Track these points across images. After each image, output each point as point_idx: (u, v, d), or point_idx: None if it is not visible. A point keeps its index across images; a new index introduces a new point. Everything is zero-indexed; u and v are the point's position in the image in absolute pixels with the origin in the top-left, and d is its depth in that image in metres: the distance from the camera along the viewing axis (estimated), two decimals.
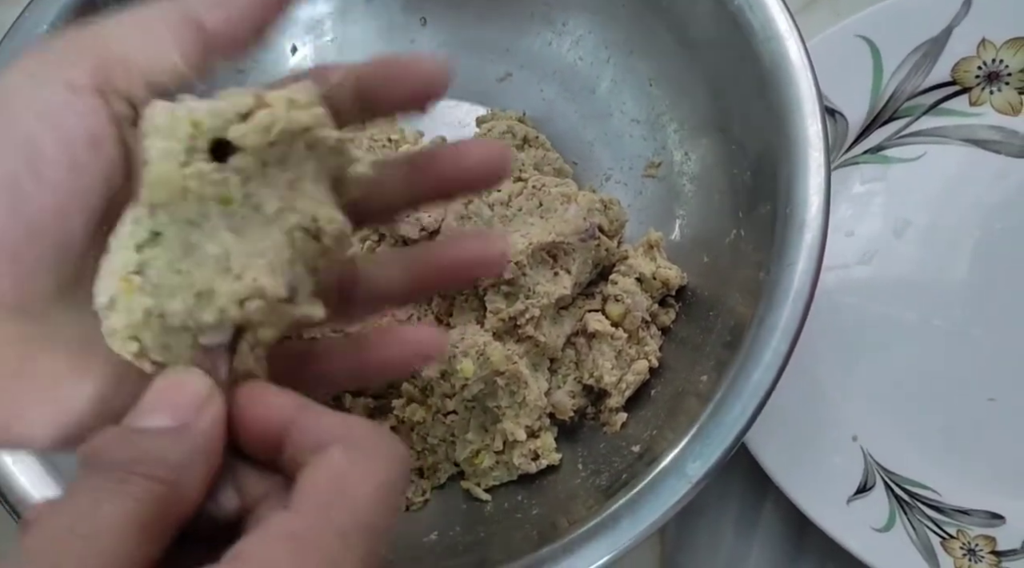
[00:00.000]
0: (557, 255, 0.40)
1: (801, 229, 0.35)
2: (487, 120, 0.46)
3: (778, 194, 0.36)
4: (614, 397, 0.39)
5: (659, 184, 0.44)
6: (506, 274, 0.38)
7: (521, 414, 0.39)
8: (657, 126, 0.45)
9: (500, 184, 0.25)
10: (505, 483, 0.40)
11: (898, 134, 0.46)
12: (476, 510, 0.39)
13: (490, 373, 0.37)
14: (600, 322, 0.40)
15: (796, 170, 0.36)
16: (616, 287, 0.40)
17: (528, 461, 0.39)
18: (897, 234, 0.45)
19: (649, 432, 0.37)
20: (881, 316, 0.43)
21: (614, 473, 0.36)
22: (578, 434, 0.40)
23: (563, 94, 0.47)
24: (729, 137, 0.40)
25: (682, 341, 0.40)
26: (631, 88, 0.45)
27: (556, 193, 0.41)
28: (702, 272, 0.41)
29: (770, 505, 0.42)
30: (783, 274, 0.35)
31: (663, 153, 0.44)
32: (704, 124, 0.42)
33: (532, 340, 0.39)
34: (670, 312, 0.41)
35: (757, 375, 0.33)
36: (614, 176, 0.46)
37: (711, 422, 0.33)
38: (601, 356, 0.40)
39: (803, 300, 0.34)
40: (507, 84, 0.48)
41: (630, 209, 0.44)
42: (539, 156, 0.44)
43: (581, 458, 0.39)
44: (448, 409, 0.39)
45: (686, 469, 0.32)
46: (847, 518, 0.38)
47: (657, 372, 0.40)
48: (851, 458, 0.40)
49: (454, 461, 0.40)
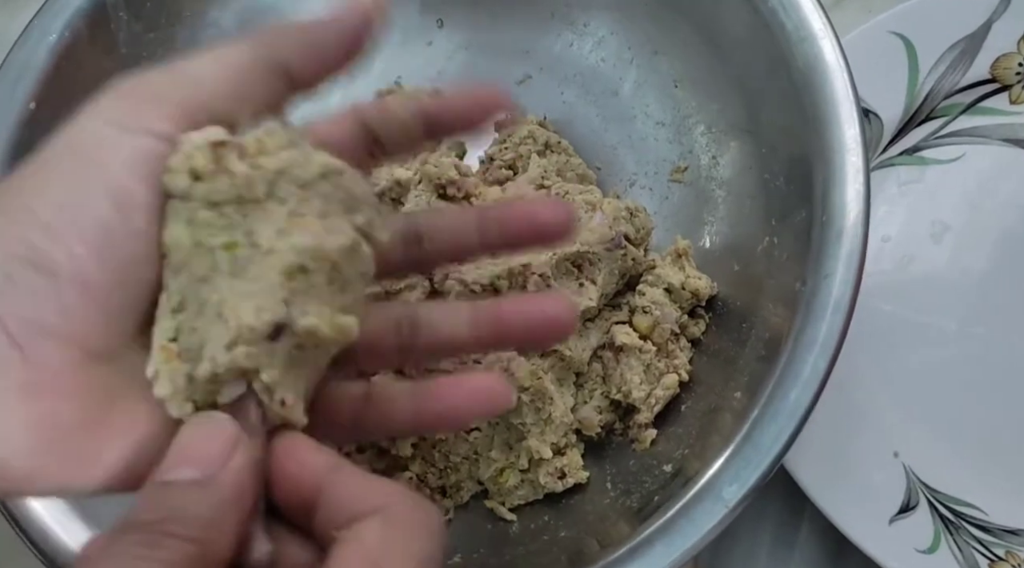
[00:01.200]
0: (582, 265, 0.38)
1: (839, 237, 0.33)
2: (506, 125, 0.45)
3: (814, 200, 0.34)
4: (643, 413, 0.38)
5: (686, 189, 0.43)
6: (530, 286, 0.37)
7: (547, 431, 0.37)
8: (683, 129, 0.43)
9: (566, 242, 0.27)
10: (531, 502, 0.38)
11: (935, 134, 0.44)
12: (501, 531, 0.38)
13: (515, 389, 0.36)
14: (628, 335, 0.38)
15: (833, 175, 0.34)
16: (644, 298, 0.39)
17: (554, 480, 0.37)
18: (935, 238, 0.43)
19: (681, 450, 0.36)
20: (919, 325, 0.42)
21: (645, 494, 0.35)
22: (606, 451, 0.39)
23: (585, 97, 0.46)
24: (760, 140, 0.39)
25: (714, 354, 0.38)
26: (656, 90, 0.44)
27: (580, 200, 0.39)
28: (733, 281, 0.39)
29: (807, 526, 0.40)
30: (820, 285, 0.33)
31: (690, 157, 0.43)
32: (733, 126, 0.40)
33: (557, 354, 0.38)
34: (700, 324, 0.40)
35: (795, 393, 0.32)
36: (639, 181, 0.44)
37: (747, 443, 0.32)
38: (629, 370, 0.38)
39: (842, 313, 0.32)
40: (527, 87, 0.46)
41: (656, 216, 0.42)
42: (561, 162, 0.43)
43: (610, 477, 0.38)
44: (471, 426, 0.38)
45: (722, 492, 0.31)
46: (889, 539, 0.37)
47: (688, 387, 0.38)
48: (892, 475, 0.39)
49: (477, 479, 0.39)
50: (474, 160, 0.45)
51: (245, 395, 0.20)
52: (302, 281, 0.21)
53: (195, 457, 0.19)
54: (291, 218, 0.21)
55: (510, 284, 0.37)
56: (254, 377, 0.20)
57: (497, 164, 0.43)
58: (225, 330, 0.20)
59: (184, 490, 0.19)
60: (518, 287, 0.37)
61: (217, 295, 0.20)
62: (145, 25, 0.43)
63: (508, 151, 0.43)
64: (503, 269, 0.37)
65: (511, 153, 0.43)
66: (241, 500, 0.19)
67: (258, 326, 0.20)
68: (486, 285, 0.37)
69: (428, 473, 0.39)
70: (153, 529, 0.18)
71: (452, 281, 0.37)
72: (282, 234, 0.20)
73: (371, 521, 0.18)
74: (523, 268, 0.37)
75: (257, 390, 0.20)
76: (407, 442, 0.38)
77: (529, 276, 0.37)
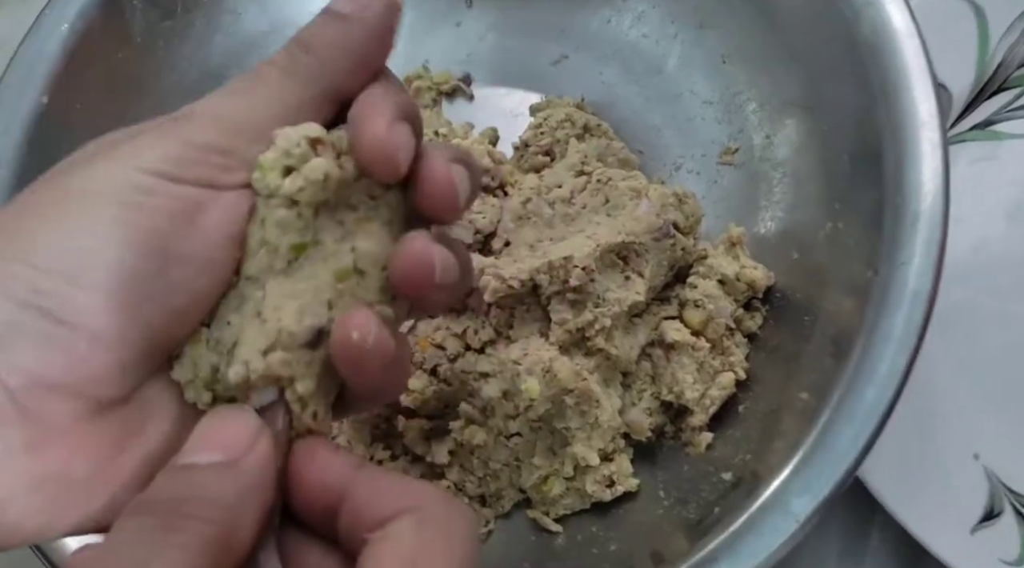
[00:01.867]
0: (628, 257, 0.36)
1: (915, 221, 0.31)
2: (542, 108, 0.42)
3: (885, 181, 0.32)
4: (697, 415, 0.35)
5: (737, 172, 0.40)
6: (572, 280, 0.34)
7: (593, 436, 0.35)
8: (733, 107, 0.40)
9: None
10: (577, 512, 0.36)
11: (1008, 107, 0.41)
12: (546, 543, 0.35)
13: (557, 392, 0.34)
14: (678, 331, 0.36)
15: (906, 153, 0.31)
16: (695, 291, 0.36)
17: (602, 488, 0.35)
18: (1011, 218, 0.40)
19: (741, 456, 0.33)
20: (997, 312, 0.39)
21: (704, 504, 0.32)
22: (657, 456, 0.36)
23: (625, 76, 0.43)
24: (820, 116, 0.36)
25: (773, 350, 0.36)
26: (702, 66, 0.41)
27: (624, 187, 0.37)
28: (792, 271, 0.36)
29: (878, 534, 0.37)
30: (895, 274, 0.30)
31: (740, 137, 0.40)
32: (789, 103, 0.37)
33: (603, 353, 0.35)
34: (756, 317, 0.37)
35: (871, 394, 0.29)
36: (685, 165, 0.42)
37: (818, 449, 0.29)
38: (681, 369, 0.35)
39: (922, 305, 0.30)
40: (562, 68, 0.44)
41: (704, 201, 0.39)
42: (602, 146, 0.40)
43: (662, 484, 0.35)
44: (511, 431, 0.36)
45: (791, 505, 0.28)
46: (971, 550, 0.34)
47: (745, 386, 0.36)
48: (973, 479, 0.36)
49: (519, 487, 0.36)
50: (508, 147, 0.42)
51: (275, 402, 0.20)
52: (352, 284, 0.20)
53: (219, 443, 0.18)
54: (358, 223, 0.20)
55: (550, 279, 0.34)
56: (288, 386, 0.19)
57: (533, 150, 0.41)
58: (262, 333, 0.19)
59: (206, 472, 0.18)
60: (559, 281, 0.34)
61: (261, 292, 0.19)
62: (161, 12, 0.41)
63: (544, 136, 0.40)
64: (543, 263, 0.34)
65: (548, 138, 0.40)
66: (264, 490, 0.18)
67: (298, 332, 0.19)
68: (524, 280, 0.35)
69: (466, 481, 0.36)
70: (170, 511, 0.17)
71: (488, 277, 0.35)
72: (347, 236, 0.20)
73: (405, 521, 0.18)
74: (564, 261, 0.34)
75: (289, 400, 0.20)
76: (443, 448, 0.36)
77: (571, 270, 0.34)
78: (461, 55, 0.45)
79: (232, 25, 0.43)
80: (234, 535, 0.17)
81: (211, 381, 0.20)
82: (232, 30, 0.43)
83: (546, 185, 0.38)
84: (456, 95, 0.45)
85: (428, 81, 0.44)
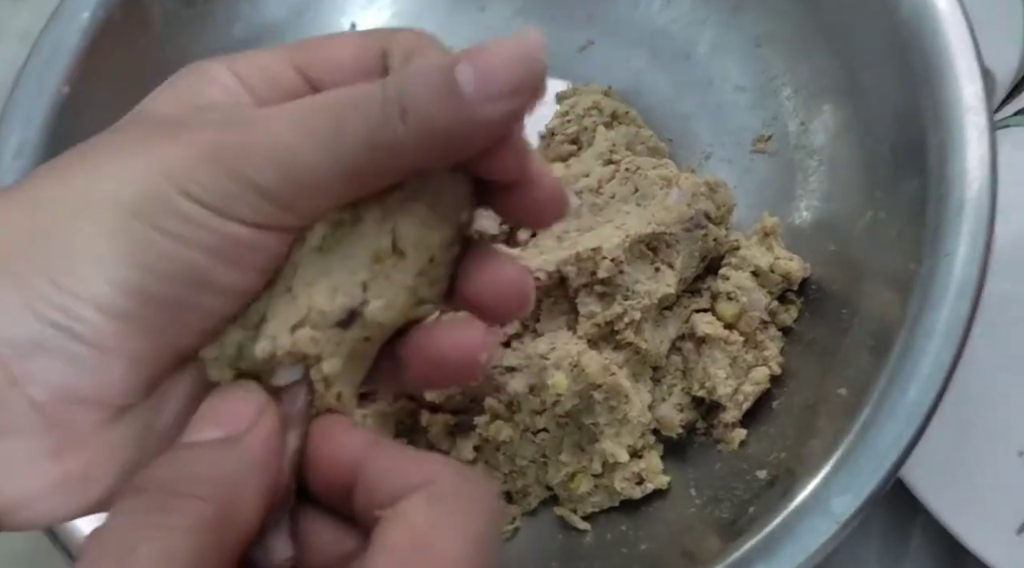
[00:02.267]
0: (658, 248, 0.35)
1: (960, 211, 0.29)
2: (568, 96, 0.41)
3: (928, 169, 0.31)
4: (730, 410, 0.34)
5: (771, 160, 0.39)
6: (601, 272, 0.33)
7: (622, 432, 0.34)
8: (767, 93, 0.39)
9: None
10: (606, 510, 0.35)
11: None
12: (574, 542, 0.35)
13: (585, 387, 0.33)
14: (710, 324, 0.35)
15: (950, 139, 0.30)
16: (728, 283, 0.35)
17: (631, 485, 0.34)
18: None
19: (775, 454, 0.32)
20: None
21: (738, 503, 0.31)
22: (688, 453, 0.35)
23: (654, 62, 0.42)
24: (859, 102, 0.35)
25: (809, 344, 0.35)
26: (734, 51, 0.40)
27: (653, 176, 0.36)
28: (829, 262, 0.35)
29: (919, 534, 0.36)
30: (939, 266, 0.29)
31: (775, 124, 0.39)
32: (826, 88, 0.36)
33: (632, 347, 0.34)
34: (791, 310, 0.36)
35: (914, 391, 0.28)
36: (716, 153, 0.40)
37: (859, 448, 0.28)
38: (713, 363, 0.34)
39: (968, 298, 0.29)
40: (589, 54, 0.43)
41: (737, 190, 0.38)
42: (631, 134, 0.39)
43: (693, 482, 0.34)
44: (538, 427, 0.35)
45: (831, 505, 0.27)
46: (1016, 551, 0.33)
47: (780, 381, 0.35)
48: (1018, 478, 0.35)
49: (546, 484, 0.36)
50: (534, 135, 0.41)
51: (299, 382, 0.19)
52: (390, 265, 0.19)
53: (221, 420, 0.18)
54: (402, 202, 0.19)
55: (578, 271, 0.33)
56: (314, 364, 0.19)
57: (559, 139, 0.40)
58: (294, 309, 0.18)
59: (205, 449, 0.17)
60: (587, 273, 0.33)
61: (293, 267, 0.19)
62: (181, 0, 0.40)
63: (571, 124, 0.40)
64: (571, 254, 0.33)
65: (574, 126, 0.39)
66: (267, 466, 0.18)
67: (330, 311, 0.19)
68: (551, 272, 0.34)
69: (492, 477, 0.36)
70: (165, 490, 0.16)
71: None
72: (388, 216, 0.19)
73: (416, 498, 0.17)
74: (592, 252, 0.33)
75: (314, 379, 0.19)
76: (468, 444, 0.36)
77: (600, 261, 0.33)
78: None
79: (252, 13, 0.42)
80: (233, 514, 0.17)
81: (236, 358, 0.19)
82: (252, 18, 0.42)
83: (573, 174, 0.37)
84: None
85: None
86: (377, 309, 0.19)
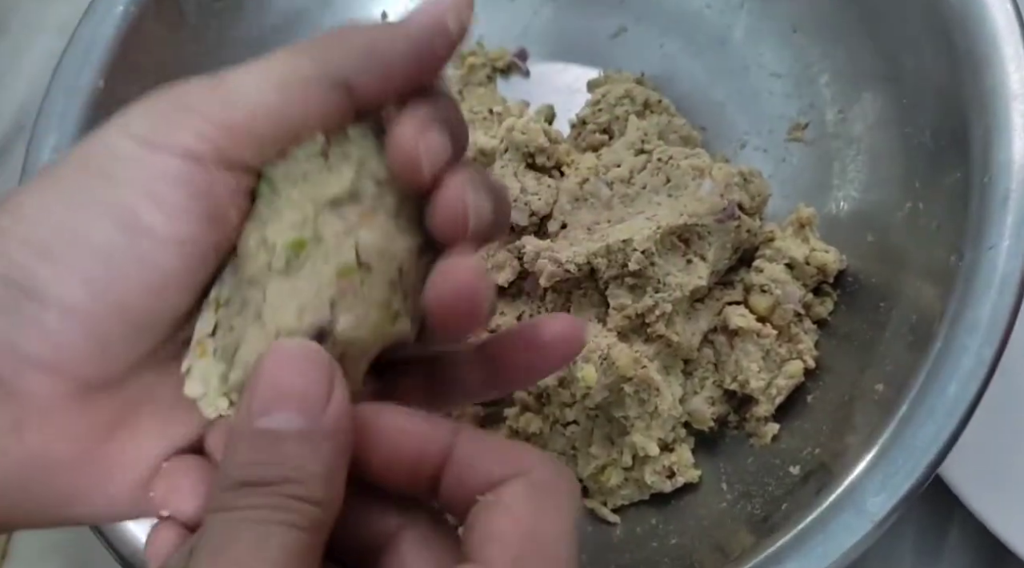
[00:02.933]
0: (690, 240, 0.34)
1: (1005, 202, 0.29)
2: (600, 84, 0.41)
3: (971, 159, 0.30)
4: (762, 404, 0.34)
5: (808, 149, 0.38)
6: (631, 264, 0.33)
7: (652, 425, 0.34)
8: (803, 80, 0.38)
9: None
10: (636, 503, 0.35)
11: None
12: (604, 535, 0.34)
13: (616, 379, 0.33)
14: (743, 317, 0.34)
15: (996, 128, 0.29)
16: (761, 275, 0.34)
17: (662, 479, 0.34)
18: None
19: (809, 449, 0.32)
20: None
21: (770, 499, 0.31)
22: (719, 447, 0.35)
23: (687, 49, 0.41)
24: (900, 89, 0.34)
25: (844, 338, 0.34)
26: (770, 36, 0.39)
27: (686, 166, 0.35)
28: (867, 254, 0.34)
29: (956, 532, 0.35)
30: (982, 258, 0.28)
31: (811, 112, 0.38)
32: (866, 74, 0.35)
33: (663, 340, 0.34)
34: (827, 303, 0.35)
35: (954, 387, 0.27)
36: (751, 142, 0.40)
37: (896, 444, 0.27)
38: (745, 357, 0.34)
39: (1012, 292, 0.28)
40: (621, 41, 0.42)
41: (772, 180, 0.37)
42: (663, 123, 0.38)
43: (725, 476, 0.34)
44: (568, 419, 0.35)
45: (866, 503, 0.27)
46: None
47: (814, 375, 0.34)
48: None
49: (576, 477, 0.35)
50: (564, 125, 0.41)
51: None
52: (356, 280, 0.19)
53: (292, 395, 0.17)
54: (363, 216, 0.19)
55: (608, 262, 0.33)
56: None
57: (591, 128, 0.39)
58: (263, 335, 0.18)
59: (296, 443, 0.17)
60: (617, 265, 0.33)
61: (261, 294, 0.19)
62: None
63: (603, 113, 0.39)
64: (600, 246, 0.33)
65: (606, 115, 0.39)
66: (348, 448, 0.18)
67: (299, 328, 0.18)
68: (581, 264, 0.33)
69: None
70: (275, 492, 0.16)
71: (544, 261, 0.34)
72: (350, 230, 0.19)
73: (518, 486, 0.17)
74: (623, 244, 0.33)
75: None
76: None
77: (630, 253, 0.33)
78: (516, 30, 0.43)
79: (284, 3, 0.42)
80: (333, 506, 0.17)
81: (224, 389, 0.19)
82: (283, 8, 0.42)
83: (604, 165, 0.37)
84: (511, 72, 0.43)
85: (482, 57, 0.43)
86: (348, 325, 0.19)
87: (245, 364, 0.18)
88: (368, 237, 0.19)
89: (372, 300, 0.19)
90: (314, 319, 0.18)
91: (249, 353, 0.18)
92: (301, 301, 0.18)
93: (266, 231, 0.19)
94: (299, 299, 0.18)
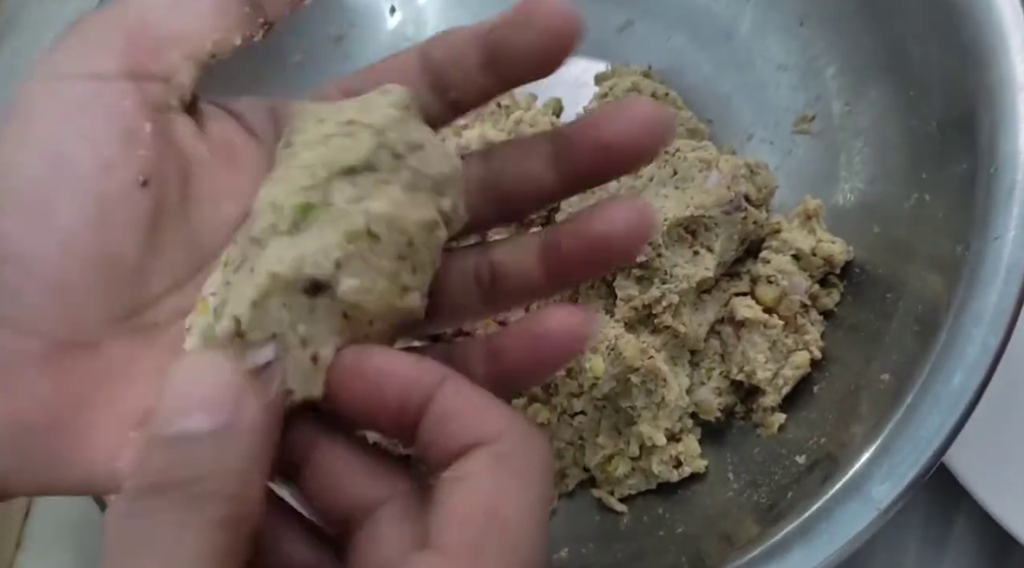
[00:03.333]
0: (697, 231, 0.34)
1: (1011, 193, 0.29)
2: (608, 77, 0.41)
3: (978, 150, 0.30)
4: (769, 395, 0.34)
5: (814, 141, 0.38)
6: (638, 256, 0.33)
7: (659, 415, 0.34)
8: (810, 72, 0.38)
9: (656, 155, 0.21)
10: (643, 493, 0.35)
11: None
12: (611, 524, 0.35)
13: (623, 370, 0.33)
14: (750, 308, 0.34)
15: (1002, 120, 0.29)
16: (768, 266, 0.34)
17: (669, 468, 0.34)
18: None
19: (815, 439, 0.32)
20: None
21: (776, 488, 0.31)
22: (726, 437, 0.35)
23: (694, 42, 0.42)
24: (906, 81, 0.34)
25: (851, 328, 0.34)
26: (776, 29, 0.39)
27: (693, 158, 0.35)
28: (873, 245, 0.34)
29: (962, 521, 0.35)
30: (988, 249, 0.28)
31: (817, 104, 0.38)
32: (872, 66, 0.35)
33: (670, 331, 0.34)
34: (833, 294, 0.35)
35: (959, 377, 0.27)
36: (757, 134, 0.40)
37: (901, 434, 0.27)
38: (752, 347, 0.34)
39: (1018, 281, 0.28)
40: (629, 34, 0.42)
41: (778, 172, 0.38)
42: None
43: (731, 466, 0.34)
44: (575, 409, 0.35)
45: (871, 492, 0.27)
46: None
47: (820, 366, 0.34)
48: None
49: (584, 466, 0.36)
50: (572, 117, 0.41)
51: (272, 365, 0.18)
52: (366, 247, 0.19)
53: (203, 403, 0.17)
54: (376, 184, 0.19)
55: None
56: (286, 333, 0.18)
57: None
58: (253, 285, 0.18)
59: (205, 442, 0.16)
60: None
61: (258, 250, 0.18)
62: None
63: None
64: None
65: None
66: (268, 447, 0.17)
67: (294, 277, 0.18)
68: None
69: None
70: (186, 491, 0.16)
71: None
72: (361, 197, 0.19)
73: (478, 459, 0.17)
74: None
75: (290, 344, 0.18)
76: None
77: None
78: None
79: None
80: (249, 503, 0.17)
81: (214, 343, 0.19)
82: None
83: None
84: None
85: None
86: (351, 288, 0.18)
87: (231, 316, 0.18)
88: (379, 206, 0.19)
89: (380, 269, 0.19)
90: (314, 271, 0.18)
91: (236, 305, 0.18)
92: (303, 253, 0.18)
93: (276, 192, 0.19)
94: (301, 252, 0.18)
